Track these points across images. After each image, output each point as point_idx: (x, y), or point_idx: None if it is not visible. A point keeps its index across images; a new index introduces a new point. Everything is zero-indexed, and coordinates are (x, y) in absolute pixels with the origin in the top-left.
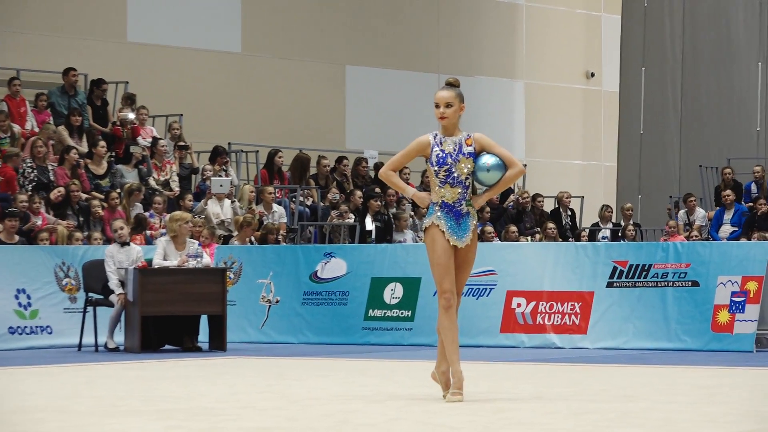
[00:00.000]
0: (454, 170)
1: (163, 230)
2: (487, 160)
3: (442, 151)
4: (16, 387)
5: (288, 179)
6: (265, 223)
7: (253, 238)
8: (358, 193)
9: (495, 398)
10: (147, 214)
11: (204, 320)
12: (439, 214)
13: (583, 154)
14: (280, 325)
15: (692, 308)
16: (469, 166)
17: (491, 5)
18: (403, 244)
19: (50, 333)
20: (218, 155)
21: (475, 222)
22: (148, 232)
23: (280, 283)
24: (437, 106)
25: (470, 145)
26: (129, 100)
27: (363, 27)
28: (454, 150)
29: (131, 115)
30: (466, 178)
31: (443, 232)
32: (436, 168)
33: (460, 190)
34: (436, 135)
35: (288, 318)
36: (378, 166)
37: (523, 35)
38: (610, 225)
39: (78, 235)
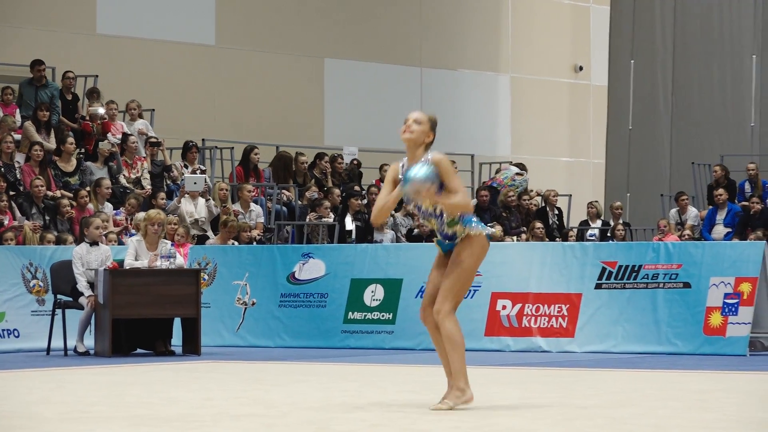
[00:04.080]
0: (419, 203)
1: (134, 231)
2: (416, 172)
3: None
4: None
5: (264, 177)
6: (239, 221)
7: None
8: (337, 191)
9: (480, 405)
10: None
11: (177, 323)
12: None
13: (570, 150)
14: (257, 328)
15: (684, 310)
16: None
17: None
18: (384, 244)
19: (17, 336)
20: (188, 150)
21: (467, 232)
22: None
23: (257, 285)
24: (405, 121)
25: None
26: (94, 94)
27: (342, 18)
28: None
29: (101, 110)
30: (435, 208)
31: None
32: (405, 202)
33: (435, 220)
34: (403, 164)
35: (264, 321)
36: (355, 162)
37: (508, 26)
38: (599, 223)
39: (50, 236)
